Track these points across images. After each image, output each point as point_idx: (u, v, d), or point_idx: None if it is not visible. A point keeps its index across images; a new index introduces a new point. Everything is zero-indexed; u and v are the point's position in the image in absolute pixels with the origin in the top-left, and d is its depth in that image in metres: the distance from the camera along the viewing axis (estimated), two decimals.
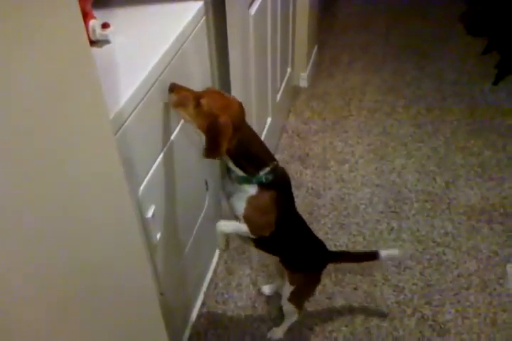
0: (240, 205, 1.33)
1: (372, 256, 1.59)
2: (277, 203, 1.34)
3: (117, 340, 0.95)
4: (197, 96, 1.24)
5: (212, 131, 1.23)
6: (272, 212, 1.35)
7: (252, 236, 1.38)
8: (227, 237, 1.43)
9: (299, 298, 1.63)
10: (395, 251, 1.69)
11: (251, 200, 1.33)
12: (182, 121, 1.49)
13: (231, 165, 1.32)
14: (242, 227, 1.36)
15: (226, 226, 1.39)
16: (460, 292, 1.90)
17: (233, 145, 1.25)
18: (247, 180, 1.31)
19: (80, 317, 0.80)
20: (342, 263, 1.80)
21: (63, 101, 0.69)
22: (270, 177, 1.31)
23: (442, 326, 1.79)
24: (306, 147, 2.67)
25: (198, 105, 1.23)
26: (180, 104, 1.26)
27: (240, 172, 1.32)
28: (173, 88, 1.26)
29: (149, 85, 1.23)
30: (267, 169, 1.31)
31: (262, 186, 1.31)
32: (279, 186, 1.35)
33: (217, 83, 1.79)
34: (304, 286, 1.61)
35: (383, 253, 1.57)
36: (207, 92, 1.28)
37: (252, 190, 1.32)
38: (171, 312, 1.56)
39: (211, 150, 1.26)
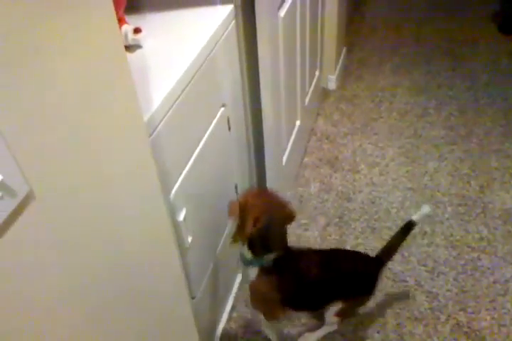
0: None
1: (409, 227, 1.59)
2: (279, 288, 1.42)
3: None
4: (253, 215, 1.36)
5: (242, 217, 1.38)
6: (273, 297, 1.44)
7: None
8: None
9: (347, 313, 1.61)
10: (425, 209, 1.60)
11: (251, 286, 1.46)
12: (212, 126, 1.50)
13: (244, 247, 1.41)
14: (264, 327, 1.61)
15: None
16: (496, 299, 1.85)
17: (256, 231, 1.35)
18: (250, 262, 1.41)
19: (114, 318, 0.80)
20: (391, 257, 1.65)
21: (101, 103, 0.69)
22: (271, 262, 1.39)
23: (478, 333, 1.74)
24: (335, 150, 2.64)
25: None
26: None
27: (247, 255, 1.41)
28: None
29: (181, 89, 1.24)
30: (271, 255, 1.39)
31: (262, 270, 1.41)
32: (282, 271, 1.41)
33: (246, 87, 1.79)
34: (355, 306, 1.59)
35: (415, 217, 1.58)
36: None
37: (252, 273, 1.43)
38: (202, 316, 1.56)
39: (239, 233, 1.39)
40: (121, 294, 0.80)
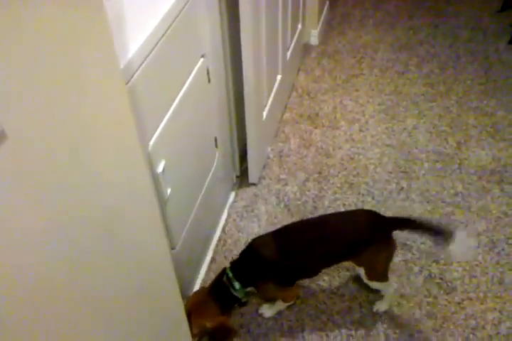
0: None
1: (443, 234, 1.42)
2: (276, 282, 1.53)
3: (129, 291, 0.95)
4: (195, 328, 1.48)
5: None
6: (274, 286, 1.55)
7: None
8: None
9: (377, 273, 1.60)
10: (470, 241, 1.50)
11: (261, 296, 1.68)
12: (191, 77, 1.46)
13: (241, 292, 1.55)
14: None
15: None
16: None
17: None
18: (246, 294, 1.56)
19: (93, 268, 0.80)
20: (407, 230, 1.56)
21: (76, 48, 0.66)
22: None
23: (449, 284, 1.80)
24: (315, 106, 2.63)
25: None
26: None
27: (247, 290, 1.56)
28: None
29: (158, 37, 1.20)
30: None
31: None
32: (274, 271, 1.50)
33: (227, 38, 1.75)
34: (374, 263, 1.56)
35: (460, 235, 1.40)
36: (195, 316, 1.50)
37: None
38: (181, 267, 1.57)
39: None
40: (99, 243, 0.80)
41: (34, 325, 0.66)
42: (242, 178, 2.22)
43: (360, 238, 1.50)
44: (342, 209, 2.07)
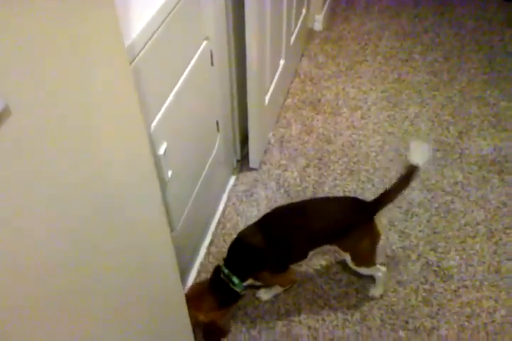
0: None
1: (412, 171, 1.47)
2: (273, 268, 1.56)
3: (129, 270, 0.96)
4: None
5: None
6: (270, 273, 1.57)
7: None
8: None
9: (363, 258, 1.61)
10: (424, 147, 1.50)
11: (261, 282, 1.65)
12: (195, 59, 1.45)
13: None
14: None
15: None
16: (466, 240, 1.92)
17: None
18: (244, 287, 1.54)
19: (94, 244, 0.80)
20: (390, 202, 1.56)
21: (81, 25, 0.65)
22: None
23: (446, 272, 1.81)
24: (318, 92, 2.62)
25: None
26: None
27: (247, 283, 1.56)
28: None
29: (162, 18, 1.19)
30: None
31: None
32: (268, 259, 1.52)
33: (231, 21, 1.73)
34: (358, 248, 1.58)
35: (416, 159, 1.45)
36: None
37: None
38: (180, 250, 1.58)
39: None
40: (101, 218, 0.80)
41: (33, 300, 0.66)
42: (243, 163, 2.21)
43: (341, 223, 1.52)
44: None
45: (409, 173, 1.48)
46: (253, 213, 2.00)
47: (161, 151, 1.28)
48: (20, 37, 0.55)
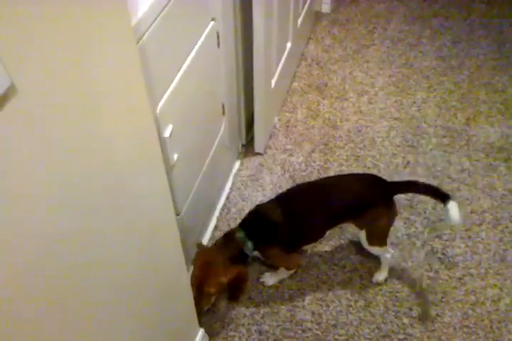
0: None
1: (442, 197, 1.46)
2: (282, 246, 1.54)
3: (133, 256, 0.94)
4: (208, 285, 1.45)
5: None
6: (281, 250, 1.55)
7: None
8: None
9: (377, 237, 1.61)
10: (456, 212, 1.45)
11: (268, 260, 1.66)
12: (201, 40, 1.42)
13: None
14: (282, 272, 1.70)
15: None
16: (471, 228, 1.90)
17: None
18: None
19: (101, 232, 0.79)
20: (409, 193, 1.63)
21: (84, 3, 0.63)
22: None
23: (451, 259, 1.80)
24: (324, 76, 2.58)
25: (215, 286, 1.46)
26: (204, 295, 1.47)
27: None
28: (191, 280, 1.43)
29: None
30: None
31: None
32: (280, 235, 1.50)
33: (238, 3, 1.69)
34: (375, 226, 1.58)
35: (452, 204, 1.43)
36: (206, 272, 1.46)
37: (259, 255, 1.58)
38: (185, 234, 1.57)
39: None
40: (108, 206, 0.78)
41: (40, 285, 0.65)
42: (248, 147, 2.19)
43: (362, 200, 1.52)
44: None
45: (439, 195, 1.49)
46: (258, 198, 1.99)
47: (167, 134, 1.26)
48: (23, 16, 0.52)
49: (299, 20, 2.43)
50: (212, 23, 1.50)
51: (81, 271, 0.75)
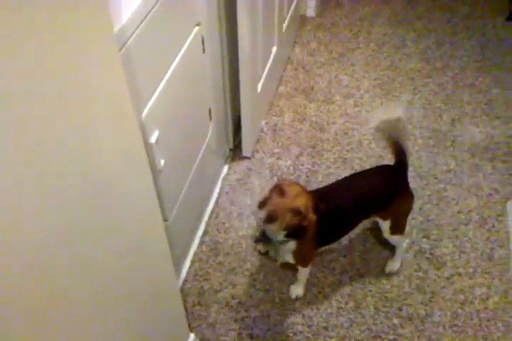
0: (289, 257, 1.53)
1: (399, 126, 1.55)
2: (315, 236, 1.44)
3: (121, 262, 0.94)
4: (293, 208, 1.30)
5: (305, 225, 1.34)
6: (313, 247, 1.54)
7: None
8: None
9: (400, 226, 1.66)
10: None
11: (295, 253, 1.50)
12: (186, 45, 1.42)
13: (280, 237, 1.41)
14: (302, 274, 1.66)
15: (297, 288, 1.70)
16: (459, 227, 1.92)
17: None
18: (286, 241, 1.44)
19: (86, 238, 0.79)
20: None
21: (70, 9, 0.63)
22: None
23: (439, 259, 1.82)
24: (311, 80, 2.59)
25: (296, 214, 1.30)
26: (273, 219, 1.30)
27: (283, 239, 1.42)
28: (263, 204, 1.35)
29: (153, 2, 1.16)
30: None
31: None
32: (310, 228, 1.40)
33: (222, 7, 1.70)
34: (399, 215, 1.63)
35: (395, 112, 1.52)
36: (294, 198, 1.31)
37: (292, 245, 1.47)
38: (174, 240, 1.57)
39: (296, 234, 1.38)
40: (94, 213, 0.78)
41: (28, 289, 0.65)
42: (236, 151, 2.20)
43: (388, 191, 1.55)
44: None
45: (398, 130, 1.55)
46: (247, 202, 1.99)
47: (153, 140, 1.26)
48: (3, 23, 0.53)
49: (285, 25, 2.45)
50: (197, 28, 1.50)
51: (67, 276, 0.75)
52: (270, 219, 1.29)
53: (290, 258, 1.54)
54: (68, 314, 0.77)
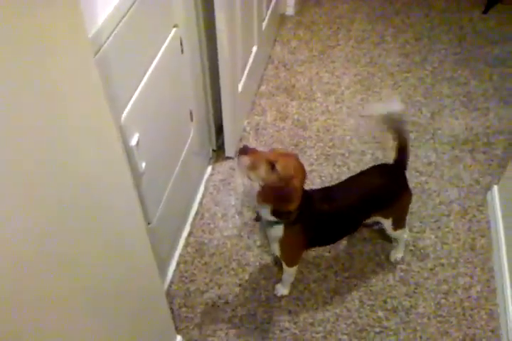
0: (276, 247, 1.52)
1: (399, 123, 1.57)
2: (304, 233, 1.46)
3: (104, 267, 0.96)
4: (270, 160, 1.30)
5: (286, 194, 1.31)
6: (301, 243, 1.52)
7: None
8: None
9: (401, 220, 1.69)
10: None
11: (281, 242, 1.48)
12: (164, 47, 1.43)
13: (266, 214, 1.40)
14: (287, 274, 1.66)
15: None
16: (440, 219, 1.96)
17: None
18: (276, 223, 1.42)
19: (66, 243, 0.80)
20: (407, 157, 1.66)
21: (41, 14, 0.64)
22: (294, 215, 1.38)
23: (422, 251, 1.85)
24: (292, 78, 2.61)
25: (272, 169, 1.29)
26: (253, 167, 1.31)
27: (270, 218, 1.40)
28: (246, 151, 1.33)
29: (128, 5, 1.17)
30: (295, 213, 1.37)
31: (287, 224, 1.42)
32: (306, 218, 1.41)
33: (200, 7, 1.71)
34: (400, 211, 1.66)
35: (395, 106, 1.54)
36: (278, 156, 1.32)
37: (279, 231, 1.44)
38: (158, 241, 1.58)
39: (280, 208, 1.36)
40: (73, 216, 0.79)
41: (15, 290, 0.66)
42: (219, 152, 2.21)
43: (391, 191, 1.57)
44: (318, 181, 2.09)
45: (399, 126, 1.56)
46: (231, 202, 2.01)
47: (133, 142, 1.27)
48: None
49: (264, 24, 2.46)
50: (174, 29, 1.52)
51: (50, 280, 0.76)
52: (243, 162, 1.33)
53: (276, 249, 1.52)
54: (51, 317, 0.78)
